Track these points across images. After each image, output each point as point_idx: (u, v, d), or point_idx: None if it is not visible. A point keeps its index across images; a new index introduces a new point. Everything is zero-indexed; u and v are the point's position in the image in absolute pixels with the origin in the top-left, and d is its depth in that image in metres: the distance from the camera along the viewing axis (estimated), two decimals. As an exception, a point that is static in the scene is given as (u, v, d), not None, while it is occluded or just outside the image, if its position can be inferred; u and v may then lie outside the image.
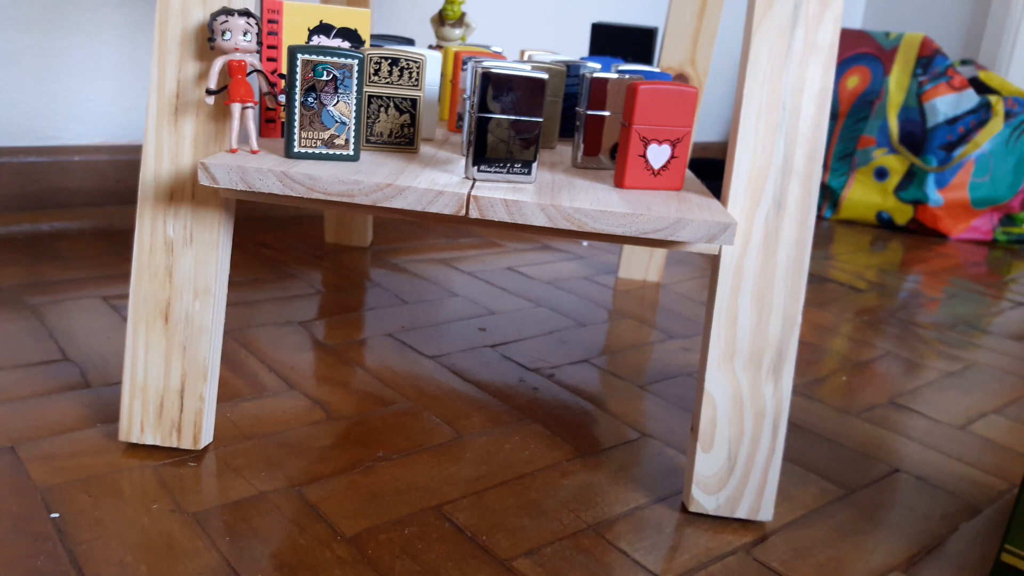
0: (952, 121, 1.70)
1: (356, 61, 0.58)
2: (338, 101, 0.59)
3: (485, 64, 0.57)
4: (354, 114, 0.59)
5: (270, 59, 0.64)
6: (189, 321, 0.62)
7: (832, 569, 0.57)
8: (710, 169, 1.86)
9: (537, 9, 1.67)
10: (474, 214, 0.55)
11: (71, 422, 0.67)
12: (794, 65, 0.57)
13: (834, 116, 1.84)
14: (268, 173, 0.55)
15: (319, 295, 1.02)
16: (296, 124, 0.58)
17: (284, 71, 0.65)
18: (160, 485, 0.59)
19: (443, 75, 0.86)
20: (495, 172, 0.59)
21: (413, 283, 1.11)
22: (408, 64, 0.63)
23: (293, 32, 0.64)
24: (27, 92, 1.16)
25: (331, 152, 0.60)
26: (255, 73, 0.59)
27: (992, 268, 1.52)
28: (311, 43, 0.65)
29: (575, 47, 1.77)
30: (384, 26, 1.46)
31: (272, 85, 0.63)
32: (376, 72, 0.63)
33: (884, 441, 0.78)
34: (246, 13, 0.56)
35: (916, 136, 1.73)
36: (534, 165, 0.59)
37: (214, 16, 0.56)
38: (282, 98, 0.65)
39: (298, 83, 0.58)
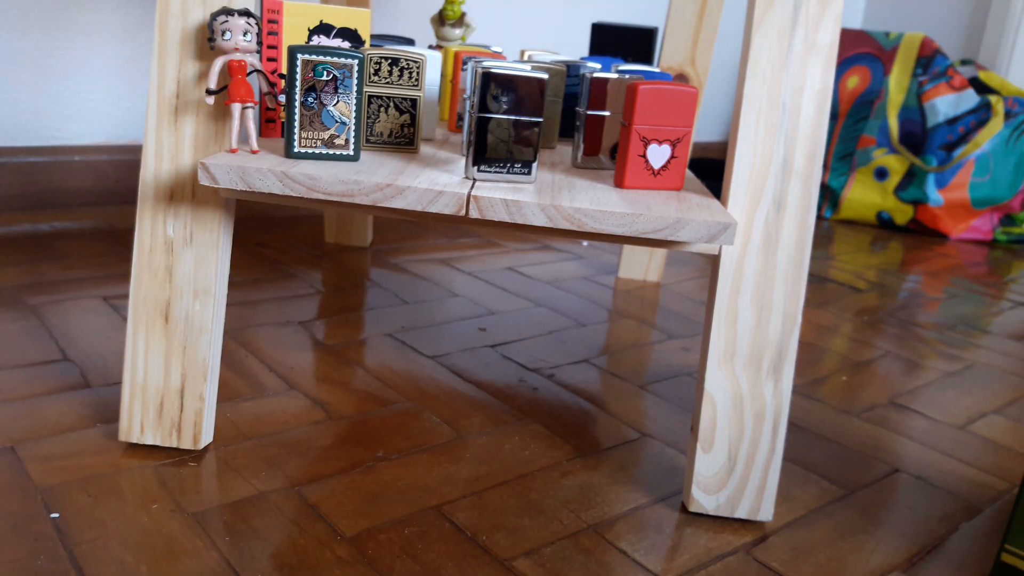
0: (952, 121, 1.70)
1: (356, 61, 0.58)
2: (338, 101, 0.59)
3: (485, 64, 0.57)
4: (354, 114, 0.59)
5: (270, 59, 0.64)
6: (189, 321, 0.62)
7: (832, 569, 0.57)
8: (710, 169, 1.86)
9: (537, 9, 1.67)
10: (474, 214, 0.55)
11: (71, 422, 0.67)
12: (794, 65, 0.57)
13: (834, 116, 1.84)
14: (268, 173, 0.55)
15: (319, 295, 1.02)
16: (296, 124, 0.58)
17: (284, 71, 0.65)
18: (160, 485, 0.59)
19: (443, 75, 0.86)
20: (495, 172, 0.59)
21: (413, 283, 1.11)
22: (408, 64, 0.63)
23: (293, 32, 0.64)
24: (27, 92, 1.16)
25: (331, 152, 0.60)
26: (255, 73, 0.59)
27: (992, 268, 1.52)
28: (311, 43, 0.65)
29: (575, 47, 1.77)
30: (384, 26, 1.46)
31: (272, 85, 0.63)
32: (376, 72, 0.63)
33: (884, 441, 0.78)
34: (246, 13, 0.56)
35: (916, 136, 1.73)
36: (534, 165, 0.59)
37: (214, 16, 0.56)
38: (282, 98, 0.65)
39: (298, 83, 0.58)
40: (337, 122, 0.59)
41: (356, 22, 0.66)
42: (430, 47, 0.88)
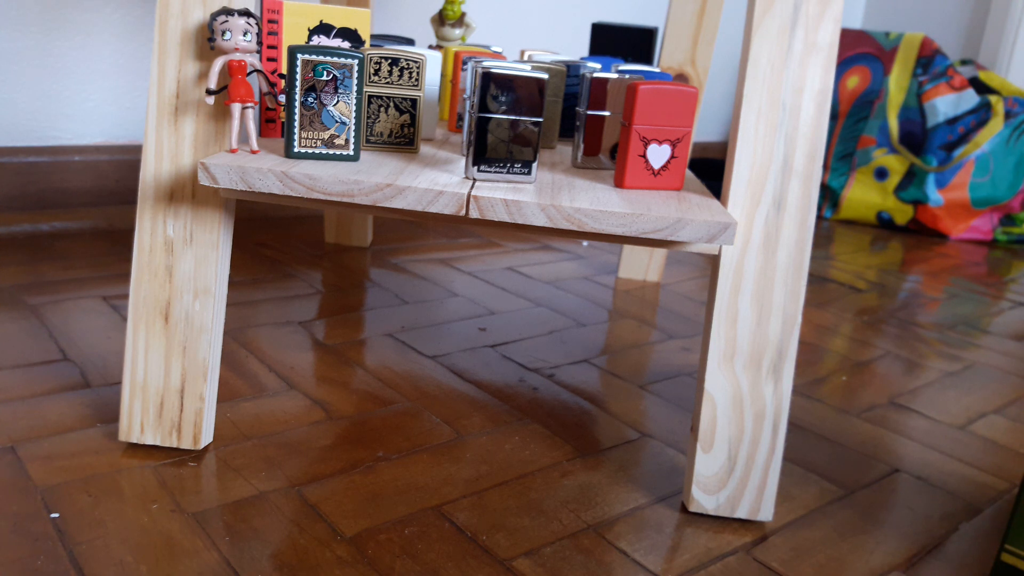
0: (952, 121, 1.70)
1: (356, 61, 0.58)
2: (338, 101, 0.59)
3: (485, 64, 0.57)
4: (354, 114, 0.59)
5: (270, 59, 0.64)
6: (189, 321, 0.62)
7: (832, 569, 0.57)
8: (710, 169, 1.86)
9: (537, 9, 1.67)
10: (474, 214, 0.55)
11: (71, 422, 0.67)
12: (794, 65, 0.57)
13: (834, 116, 1.84)
14: (268, 173, 0.55)
15: (319, 295, 1.02)
16: (296, 124, 0.58)
17: (284, 71, 0.65)
18: (160, 485, 0.59)
19: (443, 75, 0.86)
20: (495, 172, 0.59)
21: (413, 283, 1.11)
22: (408, 64, 0.63)
23: (293, 32, 0.64)
24: (27, 92, 1.16)
25: (331, 152, 0.60)
26: (255, 73, 0.59)
27: (992, 268, 1.52)
28: (311, 43, 0.65)
29: (575, 47, 1.77)
30: (384, 26, 1.46)
31: (272, 85, 0.63)
32: (376, 72, 0.63)
33: (884, 441, 0.78)
34: (246, 13, 0.56)
35: (916, 136, 1.73)
36: (534, 165, 0.59)
37: (214, 16, 0.56)
38: (282, 98, 0.65)
39: (298, 83, 0.58)
40: (337, 122, 0.59)
41: (356, 22, 0.66)
42: (430, 47, 0.88)
